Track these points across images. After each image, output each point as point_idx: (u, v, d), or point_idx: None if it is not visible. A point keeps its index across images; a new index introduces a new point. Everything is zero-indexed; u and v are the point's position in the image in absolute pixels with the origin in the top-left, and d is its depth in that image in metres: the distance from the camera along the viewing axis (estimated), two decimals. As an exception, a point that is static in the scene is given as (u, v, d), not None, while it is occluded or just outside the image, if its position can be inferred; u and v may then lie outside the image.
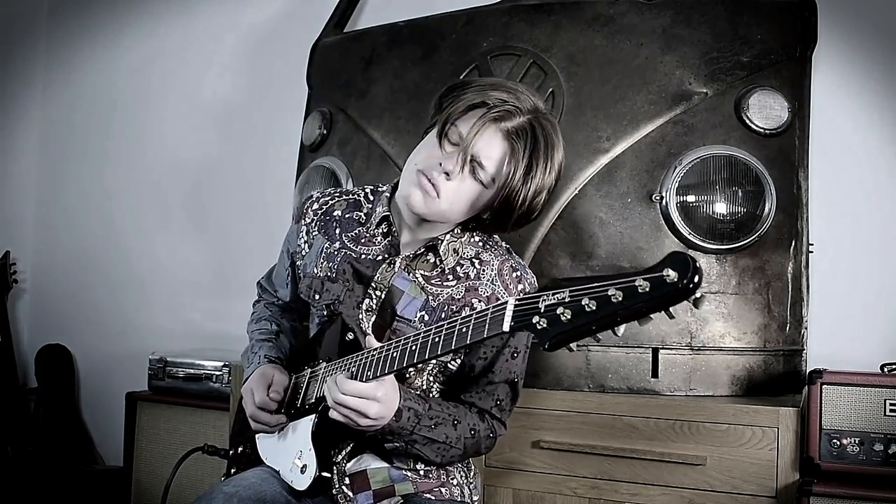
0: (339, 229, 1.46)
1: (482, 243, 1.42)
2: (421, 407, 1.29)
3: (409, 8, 2.28)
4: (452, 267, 1.38)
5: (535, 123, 1.30)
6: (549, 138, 1.31)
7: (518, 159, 1.28)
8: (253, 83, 2.95)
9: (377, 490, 1.37)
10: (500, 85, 1.33)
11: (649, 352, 1.82)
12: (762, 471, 1.62)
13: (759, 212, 1.80)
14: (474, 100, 1.30)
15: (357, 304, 1.39)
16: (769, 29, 1.89)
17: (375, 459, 1.38)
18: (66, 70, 3.37)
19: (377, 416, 1.21)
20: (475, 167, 1.29)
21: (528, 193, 1.29)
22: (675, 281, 0.84)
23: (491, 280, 1.37)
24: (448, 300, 1.36)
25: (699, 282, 0.84)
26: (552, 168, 1.31)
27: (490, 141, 1.28)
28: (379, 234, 1.43)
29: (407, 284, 1.37)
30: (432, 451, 1.32)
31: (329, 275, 1.42)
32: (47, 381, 3.10)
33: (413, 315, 1.35)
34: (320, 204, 1.50)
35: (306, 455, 1.31)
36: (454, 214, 1.34)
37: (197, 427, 2.42)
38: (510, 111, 1.28)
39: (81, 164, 3.30)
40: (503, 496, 1.82)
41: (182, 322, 2.97)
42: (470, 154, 1.28)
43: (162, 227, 3.09)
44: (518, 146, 1.28)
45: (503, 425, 1.41)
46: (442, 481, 1.41)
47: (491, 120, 1.28)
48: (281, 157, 2.67)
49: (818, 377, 1.59)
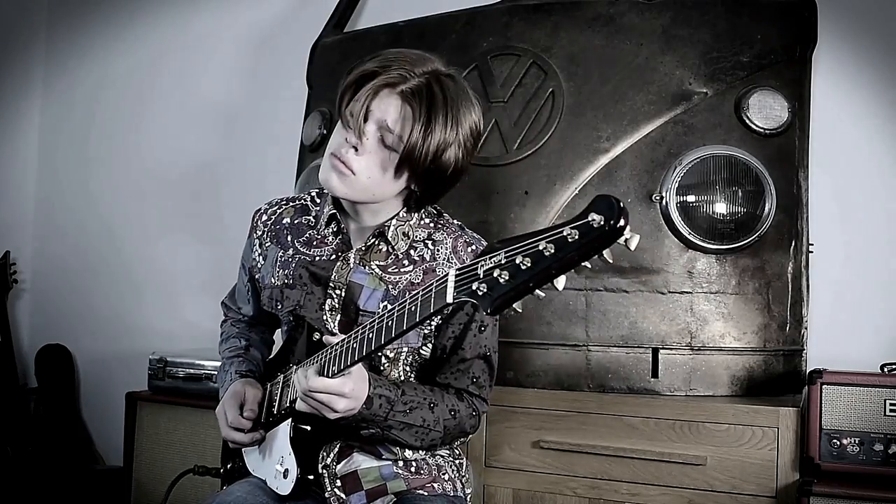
0: (291, 236, 1.46)
1: (433, 224, 1.42)
2: (393, 393, 1.28)
3: (409, 8, 2.28)
4: (406, 251, 1.38)
5: (430, 82, 1.30)
6: (449, 94, 1.30)
7: (416, 117, 1.27)
8: (253, 83, 2.95)
9: (369, 490, 1.37)
10: (385, 53, 1.33)
11: (649, 352, 1.82)
12: (762, 471, 1.62)
13: (759, 212, 1.80)
14: (364, 69, 1.31)
15: (319, 306, 1.38)
16: (769, 29, 1.89)
17: (366, 459, 1.38)
18: (65, 70, 3.37)
19: (345, 409, 1.21)
20: (383, 134, 1.29)
21: (429, 149, 1.28)
22: (602, 224, 0.85)
23: (447, 258, 1.37)
24: (408, 286, 1.35)
25: (625, 222, 0.84)
26: (454, 123, 1.30)
27: (387, 103, 1.29)
28: (329, 233, 1.43)
29: (365, 277, 1.37)
30: (410, 435, 1.31)
31: (286, 282, 1.42)
32: (47, 381, 3.10)
33: (376, 307, 1.35)
34: (269, 215, 1.51)
35: (287, 459, 1.31)
36: (379, 189, 1.33)
37: (197, 427, 2.42)
38: (402, 75, 1.29)
39: (81, 164, 3.30)
40: (503, 496, 1.82)
41: (182, 322, 2.96)
42: (373, 122, 1.29)
43: (162, 228, 3.09)
44: (414, 103, 1.28)
45: (484, 402, 1.41)
46: (433, 476, 1.41)
47: (383, 84, 1.28)
48: (281, 157, 2.67)
49: (818, 377, 1.59)
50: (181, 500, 2.29)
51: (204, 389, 2.45)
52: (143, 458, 2.51)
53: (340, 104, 1.32)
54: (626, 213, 0.85)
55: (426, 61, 1.32)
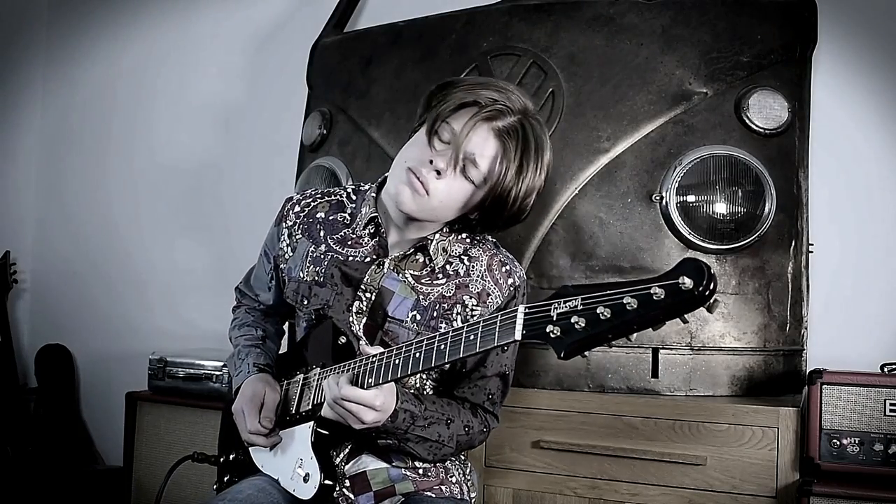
0: (324, 231, 1.44)
1: (469, 239, 1.42)
2: (416, 408, 1.28)
3: (409, 8, 2.28)
4: (442, 265, 1.38)
5: (525, 123, 1.30)
6: (539, 139, 1.30)
7: (510, 158, 1.27)
8: (253, 83, 2.95)
9: (378, 491, 1.37)
10: (490, 84, 1.32)
11: (649, 352, 1.82)
12: (762, 471, 1.62)
13: (759, 212, 1.80)
14: (465, 98, 1.29)
15: (347, 308, 1.37)
16: (769, 29, 1.89)
17: (374, 460, 1.38)
18: (65, 70, 3.36)
19: (373, 422, 1.21)
20: (467, 165, 1.28)
21: (519, 193, 1.29)
22: (691, 288, 0.84)
23: (481, 276, 1.37)
24: (439, 298, 1.35)
25: (714, 288, 0.84)
26: (542, 168, 1.31)
27: (483, 139, 1.28)
28: (366, 235, 1.41)
29: (397, 285, 1.36)
30: (424, 449, 1.32)
31: (317, 279, 1.40)
32: (47, 381, 3.10)
33: (405, 315, 1.35)
34: (302, 206, 1.48)
35: (308, 464, 1.30)
36: (444, 213, 1.33)
37: (197, 427, 2.42)
38: (501, 110, 1.28)
39: (81, 164, 3.30)
40: (503, 496, 1.82)
41: (182, 322, 2.96)
42: (462, 152, 1.27)
43: (162, 227, 3.09)
44: (510, 145, 1.27)
45: (496, 418, 1.42)
46: (441, 479, 1.41)
47: (483, 119, 1.27)
48: (281, 157, 2.67)
49: (818, 377, 1.59)
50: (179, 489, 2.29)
51: (204, 389, 2.45)
52: (143, 458, 2.51)
53: (433, 121, 1.29)
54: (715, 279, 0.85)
55: (519, 95, 1.31)
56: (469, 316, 1.35)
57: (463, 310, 1.35)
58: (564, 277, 1.87)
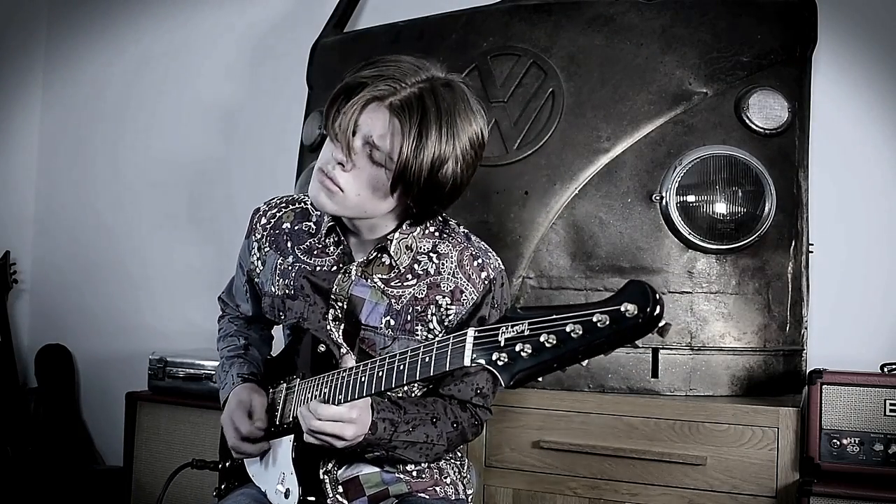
0: (291, 242, 1.41)
1: (438, 233, 1.35)
2: (395, 415, 1.26)
3: (409, 8, 2.28)
4: (409, 265, 1.33)
5: (423, 92, 1.21)
6: (442, 107, 1.21)
7: (406, 131, 1.19)
8: (253, 83, 2.95)
9: (371, 495, 1.36)
10: (378, 61, 1.25)
11: (649, 352, 1.82)
12: (762, 471, 1.62)
13: (759, 212, 1.80)
14: (351, 83, 1.24)
15: (323, 316, 1.35)
16: (769, 29, 1.89)
17: (367, 465, 1.37)
18: (65, 70, 3.36)
19: (353, 437, 1.19)
20: (372, 150, 1.22)
21: (423, 165, 1.20)
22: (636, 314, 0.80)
23: (452, 273, 1.31)
24: (411, 301, 1.31)
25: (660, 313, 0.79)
26: (450, 136, 1.21)
27: (373, 117, 1.22)
28: (330, 243, 1.38)
29: (367, 291, 1.33)
30: (414, 452, 1.30)
31: (287, 292, 1.38)
32: (47, 381, 3.10)
33: (378, 321, 1.32)
34: (268, 218, 1.45)
35: (288, 479, 1.29)
36: (371, 205, 1.27)
37: (197, 427, 2.42)
38: (391, 86, 1.21)
39: (81, 164, 3.29)
40: (503, 496, 1.82)
41: (182, 322, 2.96)
42: (359, 137, 1.22)
43: (162, 227, 3.09)
44: (403, 118, 1.20)
45: (488, 411, 1.39)
46: (435, 480, 1.40)
47: (371, 98, 1.21)
48: (281, 157, 2.67)
49: (818, 377, 1.59)
50: (179, 495, 2.29)
51: (204, 389, 2.45)
52: (143, 458, 2.51)
53: (328, 117, 1.25)
54: (661, 303, 0.80)
55: (421, 70, 1.23)
56: (444, 316, 1.31)
57: (437, 310, 1.31)
58: (564, 277, 1.87)
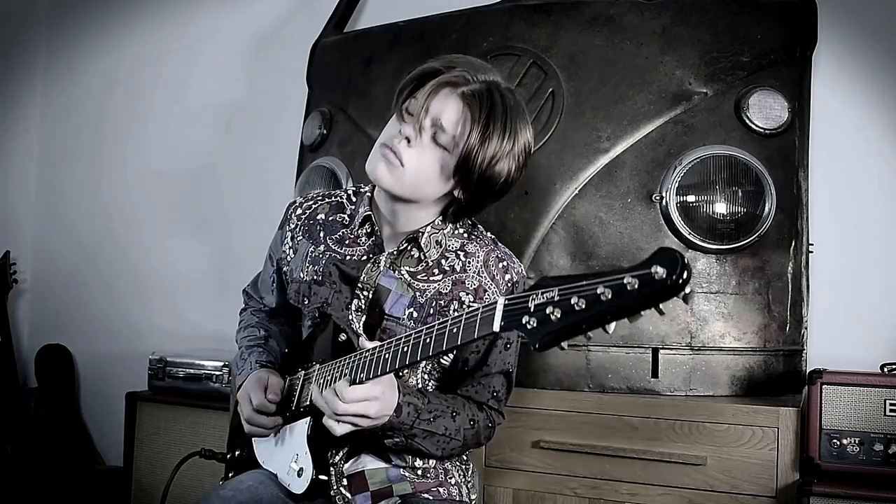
0: (323, 232, 1.46)
1: (467, 234, 1.41)
2: (420, 401, 1.28)
3: (409, 8, 2.28)
4: (437, 260, 1.37)
5: (492, 89, 1.30)
6: (507, 106, 1.30)
7: (475, 119, 1.27)
8: (253, 83, 2.95)
9: (375, 491, 1.37)
10: (455, 57, 1.35)
11: (649, 352, 1.82)
12: (762, 471, 1.62)
13: (759, 212, 1.80)
14: (425, 70, 1.31)
15: (346, 305, 1.39)
16: (769, 29, 1.89)
17: (373, 460, 1.38)
18: (65, 70, 3.36)
19: (377, 415, 1.21)
20: (437, 132, 1.29)
21: (485, 155, 1.28)
22: (664, 278, 0.82)
23: (477, 272, 1.36)
24: (435, 295, 1.35)
25: (688, 278, 0.82)
26: (511, 135, 1.30)
27: (446, 103, 1.29)
28: (363, 234, 1.42)
29: (393, 282, 1.37)
30: (432, 444, 1.31)
31: (315, 278, 1.42)
32: (47, 381, 3.10)
33: (401, 313, 1.35)
34: (304, 209, 1.50)
35: (302, 458, 1.31)
36: (425, 185, 1.32)
37: (197, 427, 2.42)
38: (465, 76, 1.29)
39: (81, 164, 3.30)
40: (503, 496, 1.82)
41: (182, 322, 2.97)
42: (429, 118, 1.29)
43: (162, 227, 3.09)
44: (475, 107, 1.28)
45: (501, 415, 1.42)
46: (440, 481, 1.41)
47: (445, 84, 1.29)
48: (281, 157, 2.67)
49: (818, 377, 1.59)
50: (184, 486, 2.29)
51: (204, 389, 2.45)
52: (143, 458, 2.51)
53: (398, 99, 1.32)
54: (689, 268, 0.82)
55: (489, 70, 1.33)
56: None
57: (460, 306, 1.35)
58: (564, 277, 1.87)
